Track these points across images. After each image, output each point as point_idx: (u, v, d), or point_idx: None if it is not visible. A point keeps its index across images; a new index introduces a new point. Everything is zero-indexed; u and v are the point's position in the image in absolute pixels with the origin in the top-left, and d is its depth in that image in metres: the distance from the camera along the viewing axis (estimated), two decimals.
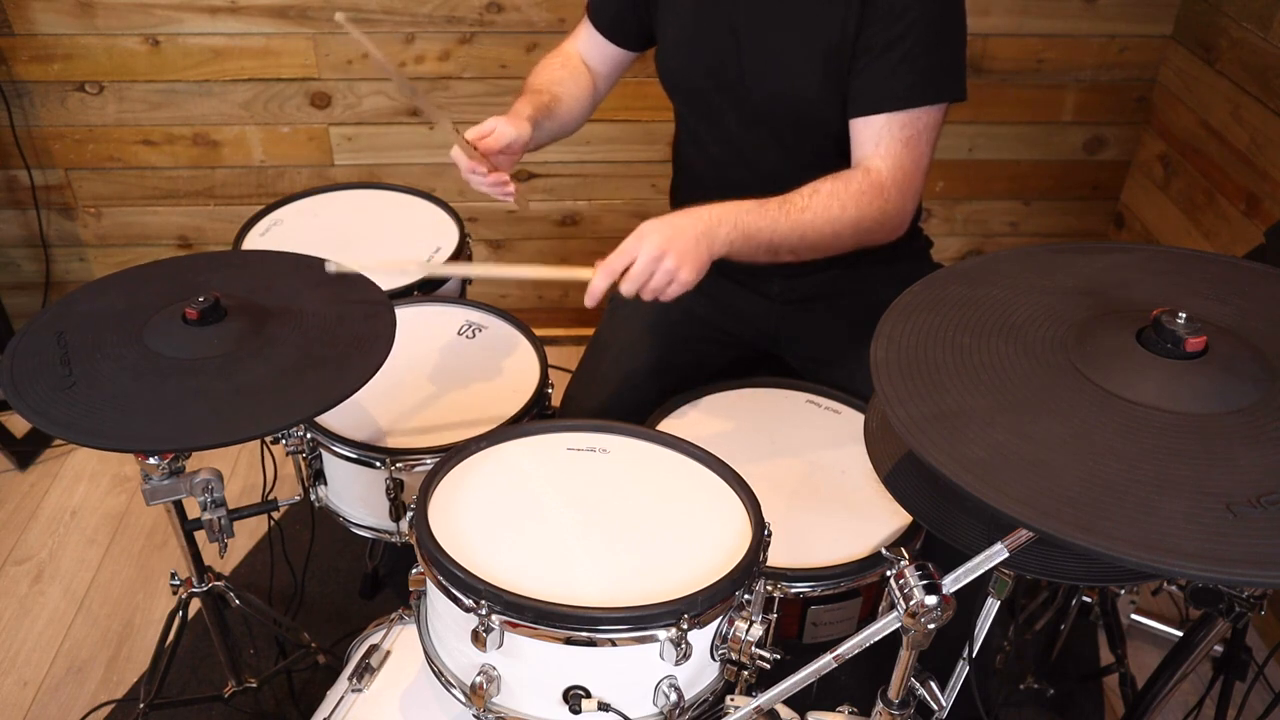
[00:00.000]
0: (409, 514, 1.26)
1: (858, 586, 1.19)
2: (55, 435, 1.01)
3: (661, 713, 0.99)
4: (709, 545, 1.04)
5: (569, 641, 0.94)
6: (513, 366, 1.46)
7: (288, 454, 1.38)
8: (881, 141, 1.27)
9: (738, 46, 1.32)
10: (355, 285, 1.22)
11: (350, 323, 1.15)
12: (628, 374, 1.48)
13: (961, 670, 0.99)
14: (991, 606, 0.95)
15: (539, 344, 1.50)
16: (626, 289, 1.18)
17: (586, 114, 1.51)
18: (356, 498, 1.39)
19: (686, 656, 0.95)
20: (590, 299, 1.20)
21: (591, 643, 0.94)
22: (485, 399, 1.39)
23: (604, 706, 0.97)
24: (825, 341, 1.50)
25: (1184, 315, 0.81)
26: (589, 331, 1.62)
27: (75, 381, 1.03)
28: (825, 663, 0.89)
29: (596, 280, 1.18)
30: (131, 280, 1.23)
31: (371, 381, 1.06)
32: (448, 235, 1.72)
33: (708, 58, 1.36)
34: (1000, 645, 1.62)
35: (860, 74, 1.27)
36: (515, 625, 0.94)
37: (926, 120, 1.27)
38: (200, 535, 1.28)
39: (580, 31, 1.53)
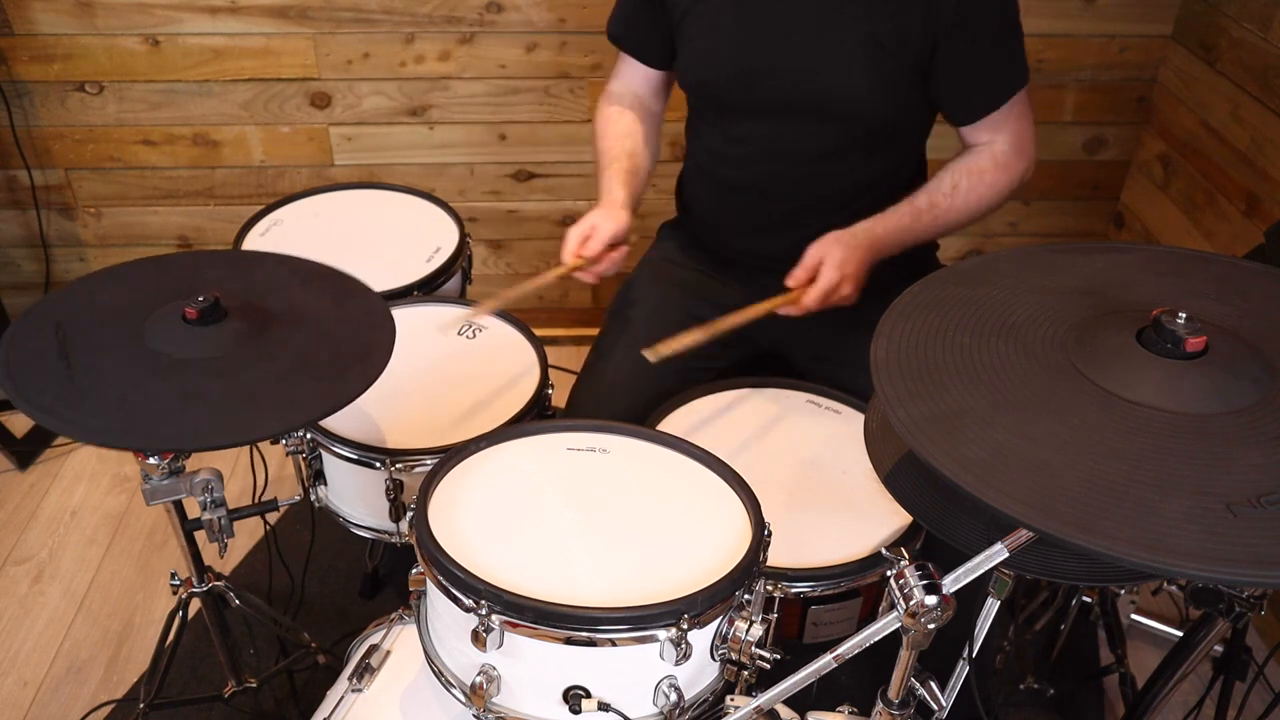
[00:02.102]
0: (409, 514, 1.26)
1: (858, 586, 1.19)
2: (47, 426, 1.01)
3: (661, 713, 0.99)
4: (709, 545, 1.04)
5: (569, 641, 0.94)
6: (513, 366, 1.46)
7: (287, 454, 1.38)
8: (999, 128, 1.39)
9: (788, 47, 1.34)
10: (356, 292, 1.22)
11: (349, 331, 1.14)
12: (633, 375, 1.48)
13: (961, 670, 0.99)
14: (991, 606, 0.95)
15: (539, 344, 1.50)
16: (810, 303, 1.33)
17: (659, 145, 1.58)
18: (356, 498, 1.39)
19: (686, 656, 0.95)
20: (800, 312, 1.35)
21: (591, 643, 0.94)
22: (485, 399, 1.39)
23: (604, 706, 0.97)
24: (832, 340, 1.50)
25: (1184, 315, 0.81)
26: (589, 331, 1.62)
27: (72, 374, 1.03)
28: (825, 663, 0.89)
29: (809, 301, 1.33)
30: (130, 276, 1.22)
31: None
32: (448, 235, 1.72)
33: (749, 58, 1.37)
34: (1000, 645, 1.62)
35: (962, 78, 1.35)
36: (515, 625, 0.94)
37: (1023, 97, 1.39)
38: (200, 535, 1.28)
39: (620, 67, 1.57)
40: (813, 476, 1.31)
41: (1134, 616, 1.82)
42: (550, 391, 1.43)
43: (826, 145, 1.40)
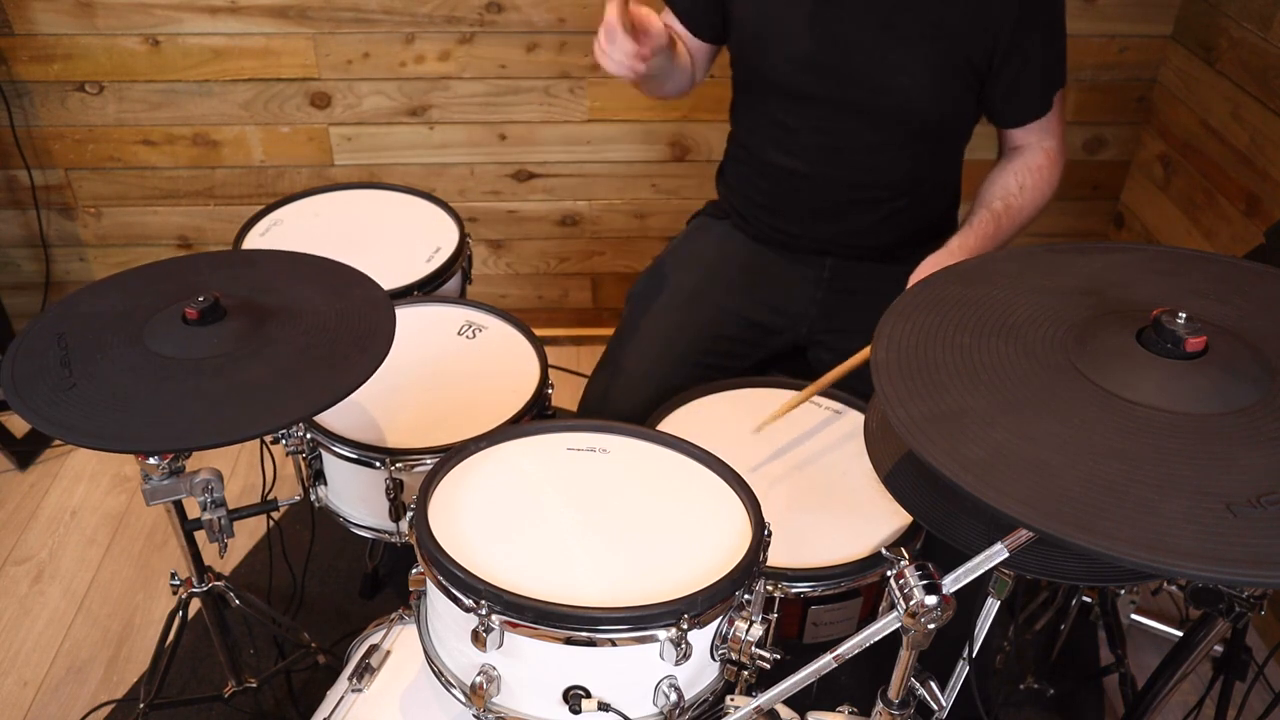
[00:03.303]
0: (409, 514, 1.26)
1: (858, 586, 1.19)
2: (56, 437, 1.01)
3: (661, 713, 0.99)
4: (709, 545, 1.04)
5: (569, 641, 0.94)
6: (513, 366, 1.46)
7: (288, 454, 1.38)
8: (1044, 129, 1.44)
9: (854, 40, 1.36)
10: (355, 283, 1.22)
11: (350, 321, 1.15)
12: (655, 364, 1.49)
13: (961, 670, 0.99)
14: (991, 606, 0.95)
15: (539, 344, 1.50)
16: None
17: (687, 85, 1.53)
18: (356, 498, 1.39)
19: (686, 656, 0.95)
20: None
21: (591, 643, 0.94)
22: (485, 399, 1.39)
23: (604, 706, 0.97)
24: (863, 335, 1.51)
25: (1184, 315, 0.81)
26: (589, 331, 1.62)
27: (76, 383, 1.03)
28: (825, 663, 0.89)
29: None
30: (132, 281, 1.23)
31: (371, 381, 1.06)
32: (448, 235, 1.72)
33: (815, 49, 1.38)
34: (1000, 645, 1.62)
35: (1012, 81, 1.38)
36: (515, 625, 0.94)
37: (1060, 94, 1.44)
38: (200, 535, 1.29)
39: (668, 21, 1.53)
40: (813, 476, 1.31)
41: (1134, 616, 1.82)
42: (550, 391, 1.43)
43: (880, 138, 1.43)
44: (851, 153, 1.44)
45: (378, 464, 1.30)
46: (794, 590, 1.17)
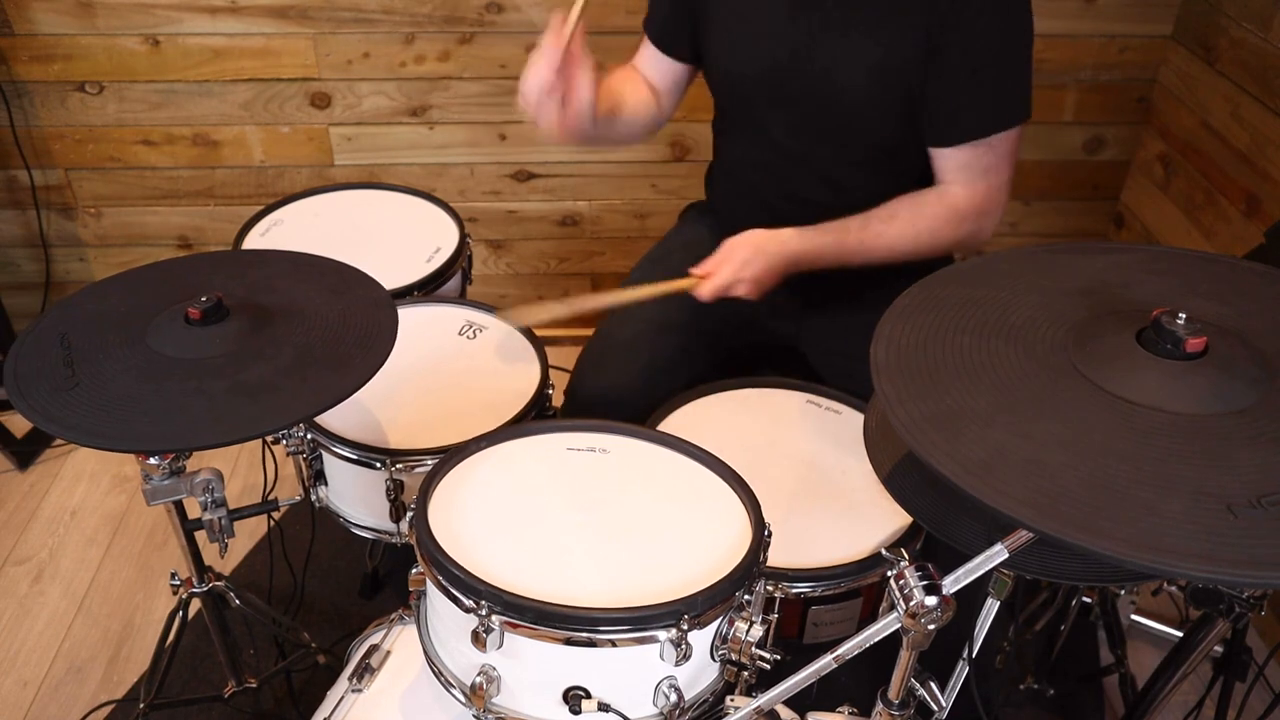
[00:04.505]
0: (409, 514, 1.26)
1: (858, 587, 1.19)
2: (58, 436, 1.01)
3: (661, 713, 0.99)
4: (709, 545, 1.04)
5: (569, 642, 0.94)
6: (513, 366, 1.46)
7: (288, 454, 1.38)
8: (963, 170, 1.33)
9: (811, 47, 1.34)
10: (357, 283, 1.22)
11: (352, 321, 1.15)
12: (640, 367, 1.48)
13: (961, 670, 0.99)
14: (991, 606, 0.95)
15: (539, 344, 1.50)
16: (705, 294, 1.34)
17: (649, 127, 1.54)
18: (357, 498, 1.39)
19: (686, 657, 0.95)
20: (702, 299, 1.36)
21: (591, 643, 0.94)
22: (485, 399, 1.39)
23: (604, 707, 0.97)
24: (848, 337, 1.50)
25: (1184, 315, 0.81)
26: (589, 332, 1.62)
27: (78, 383, 1.03)
28: (825, 663, 0.89)
29: (703, 292, 1.35)
30: (134, 281, 1.23)
31: (372, 382, 1.06)
32: (448, 235, 1.72)
33: (774, 55, 1.36)
34: (1000, 645, 1.62)
35: (938, 101, 1.30)
36: (515, 626, 0.94)
37: (1005, 144, 1.31)
38: (200, 535, 1.29)
39: (641, 50, 1.55)
40: (813, 476, 1.31)
41: (1134, 616, 1.82)
42: (550, 391, 1.43)
43: (837, 156, 1.40)
44: (815, 170, 1.41)
45: (378, 464, 1.30)
46: (794, 590, 1.17)
